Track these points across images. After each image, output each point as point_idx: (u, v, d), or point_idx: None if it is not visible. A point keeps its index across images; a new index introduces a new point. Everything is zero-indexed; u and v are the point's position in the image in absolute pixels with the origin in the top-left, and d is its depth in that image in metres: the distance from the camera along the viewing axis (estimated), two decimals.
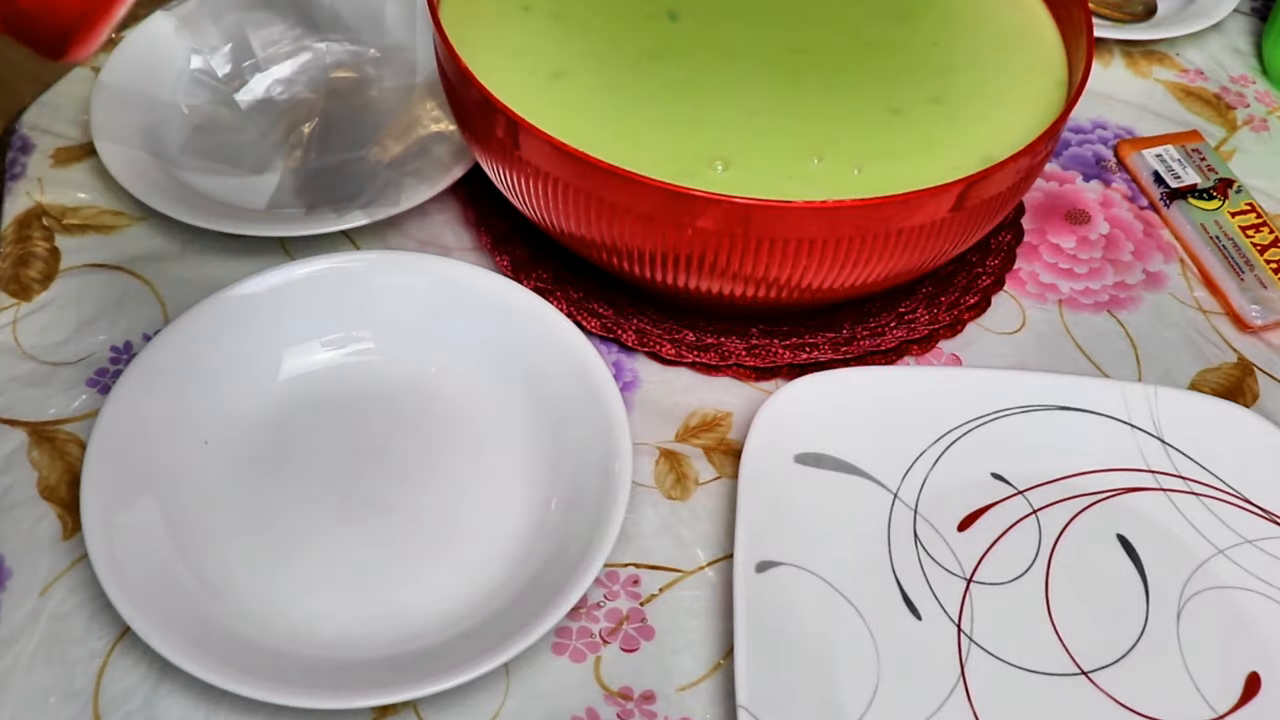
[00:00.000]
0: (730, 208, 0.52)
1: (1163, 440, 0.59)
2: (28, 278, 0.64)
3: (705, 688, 0.52)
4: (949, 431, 0.59)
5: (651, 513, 0.57)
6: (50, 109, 0.73)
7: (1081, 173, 0.76)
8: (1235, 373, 0.66)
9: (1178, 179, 0.74)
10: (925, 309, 0.66)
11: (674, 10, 0.65)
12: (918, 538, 0.56)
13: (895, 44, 0.66)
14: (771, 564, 0.53)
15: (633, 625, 0.54)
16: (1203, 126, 0.79)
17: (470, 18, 0.64)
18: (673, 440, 0.60)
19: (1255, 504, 0.57)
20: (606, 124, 0.59)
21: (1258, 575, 0.56)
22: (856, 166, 0.59)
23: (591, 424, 0.56)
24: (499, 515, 0.56)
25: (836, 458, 0.58)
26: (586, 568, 0.51)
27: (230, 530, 0.54)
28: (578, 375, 0.58)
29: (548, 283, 0.65)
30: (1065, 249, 0.71)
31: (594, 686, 0.52)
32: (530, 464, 0.57)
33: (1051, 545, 0.56)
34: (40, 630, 0.52)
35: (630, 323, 0.64)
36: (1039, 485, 0.58)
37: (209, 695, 0.50)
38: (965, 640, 0.53)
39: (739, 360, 0.63)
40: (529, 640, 0.49)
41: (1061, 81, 0.65)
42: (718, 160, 0.59)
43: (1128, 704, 0.52)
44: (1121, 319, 0.68)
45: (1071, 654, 0.53)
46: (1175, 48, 0.85)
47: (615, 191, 0.54)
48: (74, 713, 0.50)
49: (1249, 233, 0.71)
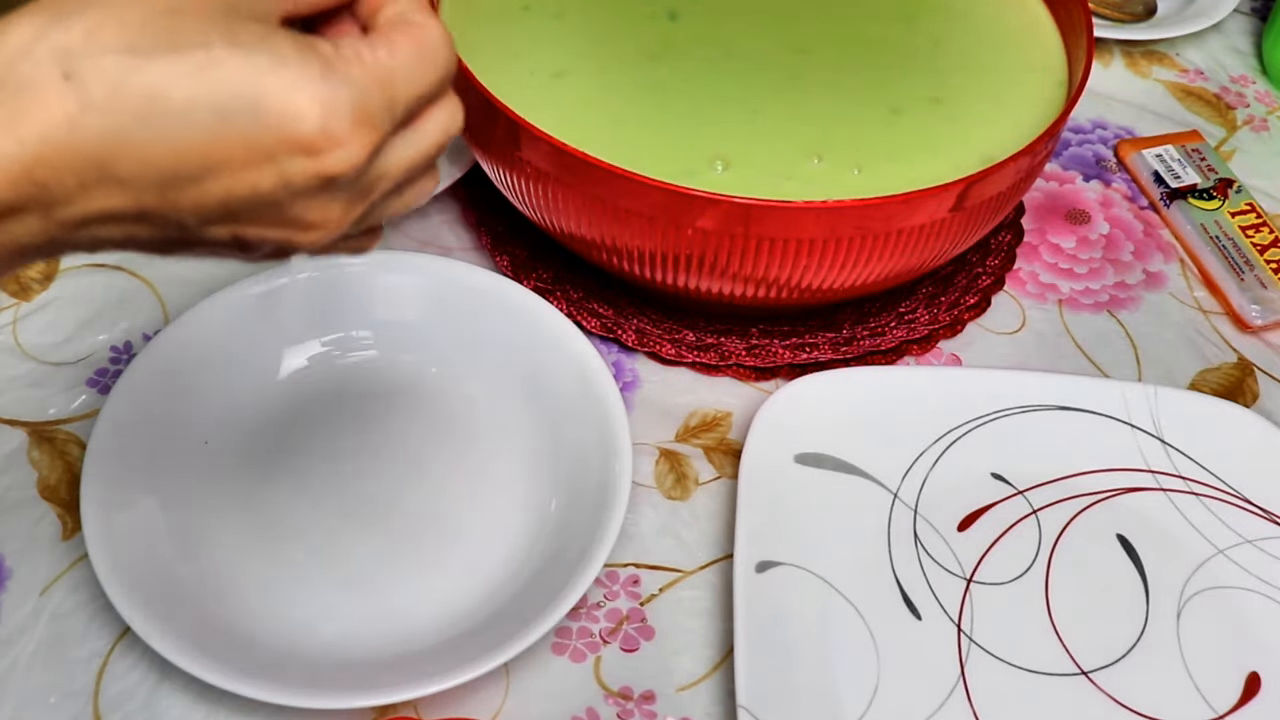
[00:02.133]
0: (730, 208, 0.52)
1: (1163, 440, 0.59)
2: (28, 278, 0.64)
3: (705, 688, 0.52)
4: (949, 431, 0.59)
5: (651, 513, 0.57)
6: None
7: (1081, 173, 0.76)
8: (1235, 373, 0.66)
9: (1178, 179, 0.74)
10: (925, 309, 0.66)
11: (674, 10, 0.65)
12: (918, 538, 0.56)
13: (895, 44, 0.66)
14: (771, 564, 0.53)
15: (633, 625, 0.54)
16: (1203, 126, 0.79)
17: (470, 18, 0.64)
18: (673, 440, 0.60)
19: (1255, 504, 0.57)
20: (606, 124, 0.59)
21: (1258, 575, 0.56)
22: (856, 166, 0.59)
23: (591, 424, 0.56)
24: (499, 515, 0.56)
25: (836, 458, 0.58)
26: (586, 568, 0.51)
27: (230, 530, 0.54)
28: (578, 375, 0.58)
29: (548, 283, 0.65)
30: (1065, 249, 0.71)
31: (594, 686, 0.52)
32: (530, 464, 0.57)
33: (1051, 545, 0.56)
34: (40, 630, 0.52)
35: (630, 323, 0.64)
36: (1039, 485, 0.58)
37: (209, 695, 0.50)
38: (965, 640, 0.53)
39: (739, 360, 0.62)
40: (529, 640, 0.49)
41: (1061, 81, 0.65)
42: (718, 160, 0.58)
43: (1128, 704, 0.52)
44: (1121, 319, 0.68)
45: (1071, 654, 0.53)
46: (1175, 48, 0.85)
47: (615, 191, 0.54)
48: (74, 713, 0.50)
49: (1249, 233, 0.71)
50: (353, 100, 0.32)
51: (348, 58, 0.32)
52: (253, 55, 0.31)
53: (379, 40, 0.34)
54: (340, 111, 0.31)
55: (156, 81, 0.30)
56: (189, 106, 0.30)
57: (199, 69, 0.30)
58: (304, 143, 0.31)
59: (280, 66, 0.31)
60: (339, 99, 0.31)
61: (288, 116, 0.31)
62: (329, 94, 0.31)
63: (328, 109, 0.31)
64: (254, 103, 0.31)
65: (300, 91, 0.31)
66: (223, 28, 0.31)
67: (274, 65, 0.31)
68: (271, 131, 0.31)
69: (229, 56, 0.31)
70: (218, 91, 0.30)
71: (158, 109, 0.30)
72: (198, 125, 0.30)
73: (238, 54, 0.31)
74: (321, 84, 0.31)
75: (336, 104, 0.31)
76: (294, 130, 0.31)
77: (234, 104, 0.31)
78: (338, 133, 0.31)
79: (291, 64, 0.31)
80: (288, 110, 0.31)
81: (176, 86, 0.30)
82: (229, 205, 0.32)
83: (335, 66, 0.32)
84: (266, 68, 0.31)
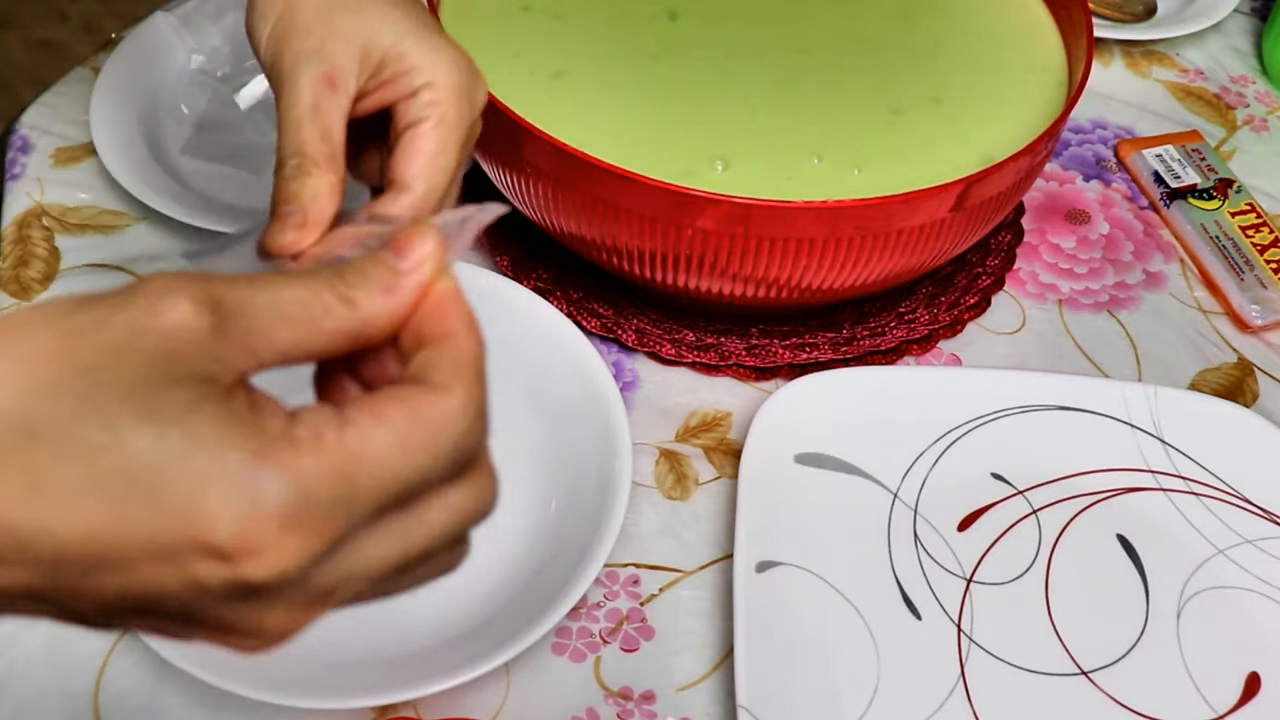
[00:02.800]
0: (730, 208, 0.52)
1: (1163, 440, 0.59)
2: (28, 278, 0.64)
3: (705, 688, 0.52)
4: (949, 431, 0.59)
5: (651, 513, 0.57)
6: (50, 109, 0.73)
7: (1081, 173, 0.76)
8: (1235, 373, 0.66)
9: (1178, 179, 0.74)
10: (925, 309, 0.66)
11: (674, 10, 0.65)
12: (918, 538, 0.56)
13: (895, 44, 0.66)
14: (771, 564, 0.53)
15: (633, 625, 0.54)
16: (1203, 126, 0.79)
17: (470, 18, 0.64)
18: (673, 440, 0.60)
19: (1255, 504, 0.57)
20: (606, 124, 0.59)
21: (1258, 575, 0.56)
22: (856, 166, 0.59)
23: (591, 424, 0.56)
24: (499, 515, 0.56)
25: (836, 458, 0.58)
26: (586, 568, 0.51)
27: None
28: (578, 375, 0.58)
29: (548, 283, 0.65)
30: (1065, 249, 0.71)
31: (594, 686, 0.52)
32: (530, 464, 0.57)
33: (1051, 545, 0.56)
34: (40, 630, 0.52)
35: (630, 323, 0.64)
36: (1039, 485, 0.58)
37: (209, 695, 0.50)
38: (965, 640, 0.53)
39: (739, 360, 0.62)
40: (529, 640, 0.49)
41: (1061, 81, 0.65)
42: (718, 160, 0.58)
43: (1128, 704, 0.52)
44: (1121, 319, 0.68)
45: (1071, 654, 0.53)
46: (1175, 48, 0.85)
47: (615, 191, 0.54)
48: (74, 713, 0.50)
49: (1249, 233, 0.71)
50: (282, 498, 0.26)
51: (299, 440, 0.27)
52: (164, 435, 0.26)
53: (361, 413, 0.28)
54: (262, 513, 0.26)
55: (42, 464, 0.25)
56: (74, 491, 0.25)
57: (93, 452, 0.25)
58: (209, 546, 0.26)
59: (192, 451, 0.26)
60: (262, 497, 0.26)
61: (191, 514, 0.25)
62: (248, 490, 0.26)
63: (243, 509, 0.26)
64: (152, 493, 0.25)
65: (210, 486, 0.26)
66: (141, 396, 0.26)
67: (185, 450, 0.26)
68: (172, 529, 0.26)
69: (134, 435, 0.25)
70: (111, 477, 0.25)
71: (41, 492, 0.25)
72: (86, 512, 0.25)
73: (145, 431, 0.25)
74: (241, 477, 0.26)
75: (257, 503, 0.26)
76: (197, 532, 0.26)
77: (129, 492, 0.25)
78: (255, 538, 0.26)
79: (207, 449, 0.26)
80: (191, 507, 0.25)
81: (63, 469, 0.25)
82: (130, 600, 0.27)
83: (270, 454, 0.26)
84: (174, 453, 0.26)
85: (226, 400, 0.27)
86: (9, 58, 0.70)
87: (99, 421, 0.26)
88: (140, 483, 0.25)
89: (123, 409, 0.26)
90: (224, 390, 0.27)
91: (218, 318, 0.27)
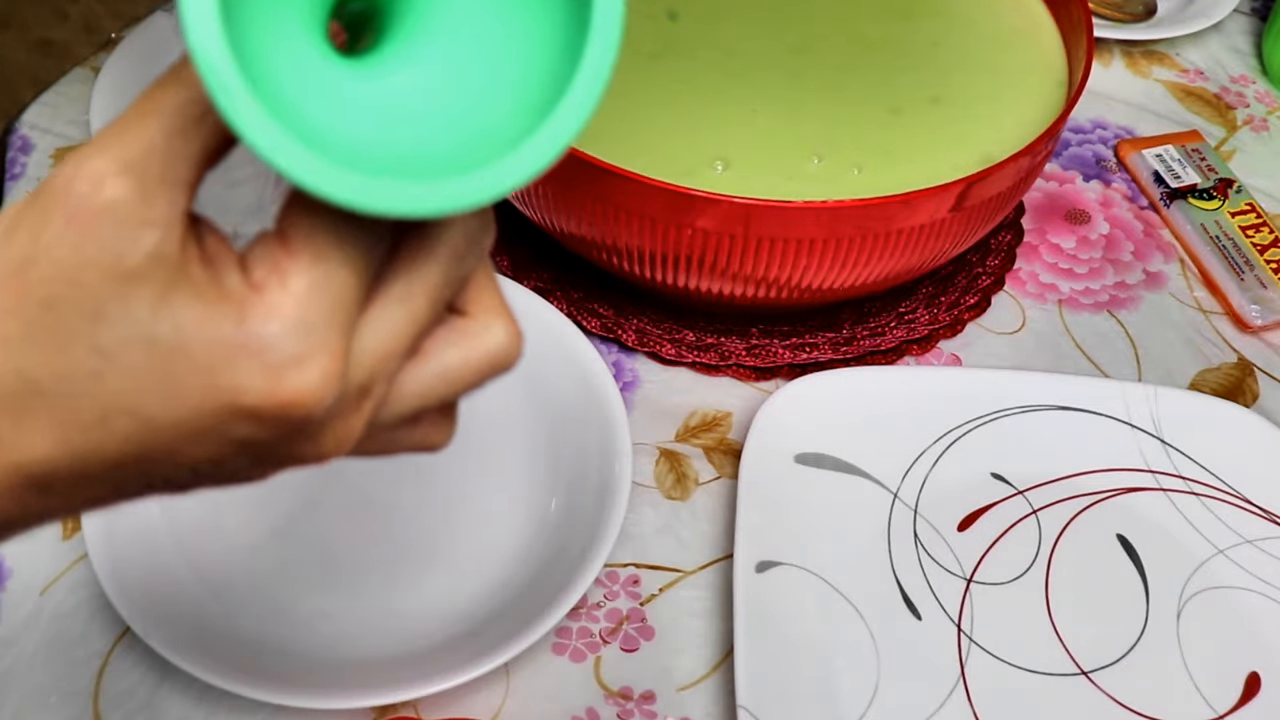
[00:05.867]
0: (730, 208, 0.52)
1: (1163, 440, 0.59)
2: None
3: (705, 688, 0.52)
4: (949, 431, 0.59)
5: (651, 513, 0.57)
6: (50, 109, 0.73)
7: (1081, 173, 0.76)
8: (1235, 373, 0.66)
9: (1178, 179, 0.74)
10: (925, 309, 0.66)
11: (674, 10, 0.65)
12: (918, 538, 0.56)
13: (895, 44, 0.66)
14: (771, 564, 0.53)
15: (633, 625, 0.54)
16: (1203, 126, 0.79)
17: None
18: (673, 440, 0.60)
19: (1255, 504, 0.57)
20: (606, 124, 0.59)
21: (1258, 575, 0.56)
22: (856, 166, 0.59)
23: (591, 424, 0.56)
24: (499, 515, 0.56)
25: (836, 458, 0.58)
26: (586, 568, 0.51)
27: (230, 530, 0.54)
28: (578, 375, 0.58)
29: (548, 283, 0.65)
30: (1065, 249, 0.71)
31: (594, 686, 0.52)
32: (530, 464, 0.57)
33: (1051, 545, 0.56)
34: (40, 630, 0.52)
35: (630, 323, 0.64)
36: (1039, 485, 0.58)
37: (209, 695, 0.50)
38: (965, 640, 0.53)
39: (739, 360, 0.62)
40: (529, 640, 0.49)
41: (1061, 81, 0.65)
42: (718, 160, 0.58)
43: (1128, 704, 0.52)
44: (1121, 319, 0.68)
45: (1071, 654, 0.53)
46: (1175, 48, 0.85)
47: (615, 191, 0.54)
48: (74, 713, 0.50)
49: (1249, 233, 0.71)
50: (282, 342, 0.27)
51: (263, 285, 0.27)
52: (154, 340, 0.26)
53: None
54: (275, 364, 0.27)
55: (59, 405, 0.27)
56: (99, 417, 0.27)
57: (95, 379, 0.27)
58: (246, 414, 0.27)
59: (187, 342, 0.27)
60: (267, 351, 0.27)
61: (214, 396, 0.27)
62: (252, 351, 0.27)
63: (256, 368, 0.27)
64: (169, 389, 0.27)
65: (219, 366, 0.27)
66: (112, 308, 0.26)
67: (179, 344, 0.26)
68: (204, 416, 0.27)
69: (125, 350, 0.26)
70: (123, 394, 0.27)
71: (69, 429, 0.27)
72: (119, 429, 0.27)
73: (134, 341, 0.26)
74: (239, 344, 0.27)
75: (265, 359, 0.27)
76: (228, 408, 0.27)
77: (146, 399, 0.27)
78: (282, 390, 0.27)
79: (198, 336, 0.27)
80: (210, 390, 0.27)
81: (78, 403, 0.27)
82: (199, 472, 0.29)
83: (248, 309, 0.27)
84: (171, 351, 0.26)
85: (186, 278, 0.27)
86: (9, 58, 0.70)
87: (85, 349, 0.26)
88: (153, 390, 0.26)
89: (100, 329, 0.26)
90: (178, 267, 0.27)
91: (133, 177, 0.27)
